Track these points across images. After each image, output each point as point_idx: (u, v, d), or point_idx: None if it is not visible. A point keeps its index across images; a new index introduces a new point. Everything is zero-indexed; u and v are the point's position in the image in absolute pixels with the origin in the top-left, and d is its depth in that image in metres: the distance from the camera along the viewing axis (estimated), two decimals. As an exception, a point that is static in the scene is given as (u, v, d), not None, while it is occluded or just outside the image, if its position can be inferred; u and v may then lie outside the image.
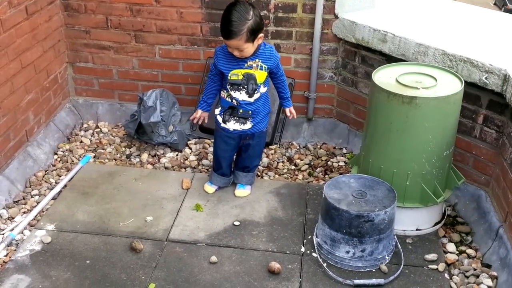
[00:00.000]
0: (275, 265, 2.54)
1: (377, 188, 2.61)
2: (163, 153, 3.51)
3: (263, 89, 2.78)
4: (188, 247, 2.68)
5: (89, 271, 2.51)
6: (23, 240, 2.69)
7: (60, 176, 3.24)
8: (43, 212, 2.92)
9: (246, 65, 2.69)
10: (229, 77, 2.71)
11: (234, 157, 3.07)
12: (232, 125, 2.85)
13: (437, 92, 2.51)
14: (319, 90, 3.63)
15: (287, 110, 2.95)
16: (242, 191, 3.07)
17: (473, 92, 2.77)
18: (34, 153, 3.29)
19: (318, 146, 3.65)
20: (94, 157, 3.44)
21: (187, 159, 3.46)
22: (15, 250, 2.64)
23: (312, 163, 3.46)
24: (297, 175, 3.36)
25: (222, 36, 2.57)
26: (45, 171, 3.27)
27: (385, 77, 2.66)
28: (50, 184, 3.17)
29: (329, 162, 3.47)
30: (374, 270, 2.54)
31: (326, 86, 3.62)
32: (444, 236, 2.76)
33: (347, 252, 2.52)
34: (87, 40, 3.65)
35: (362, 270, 2.54)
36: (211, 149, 3.41)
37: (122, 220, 2.85)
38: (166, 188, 3.13)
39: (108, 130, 3.75)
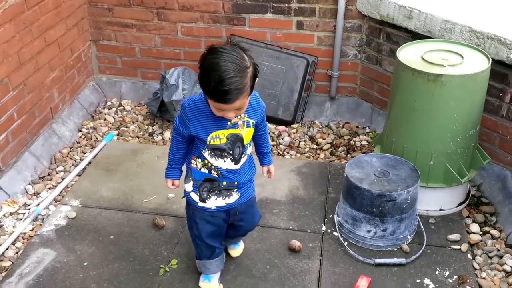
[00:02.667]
0: (296, 243, 2.54)
1: (400, 167, 2.58)
2: (185, 131, 3.52)
3: (249, 150, 2.06)
4: (210, 224, 2.70)
5: (112, 246, 2.55)
6: (49, 215, 2.75)
7: (85, 153, 3.28)
8: (68, 188, 2.97)
9: (229, 123, 1.93)
10: (208, 142, 1.95)
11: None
12: (214, 202, 2.08)
13: (463, 69, 2.45)
14: (343, 68, 3.58)
15: (266, 169, 2.25)
16: (239, 249, 2.51)
17: (500, 70, 2.70)
18: (59, 130, 3.34)
19: (341, 125, 3.62)
20: (118, 134, 3.48)
21: (209, 137, 3.46)
22: (40, 224, 2.70)
23: (334, 142, 3.44)
24: (319, 154, 3.34)
25: (219, 100, 1.76)
26: (70, 148, 3.32)
27: (410, 54, 2.61)
28: (75, 161, 3.22)
29: (351, 141, 3.44)
30: (395, 250, 2.53)
31: (350, 64, 3.57)
32: (468, 217, 2.73)
33: (368, 231, 2.51)
34: (110, 18, 3.66)
35: (384, 249, 2.53)
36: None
37: (145, 197, 2.88)
38: (188, 166, 3.14)
39: (131, 108, 3.77)
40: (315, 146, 3.42)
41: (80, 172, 3.09)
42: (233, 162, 2.01)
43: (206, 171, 2.04)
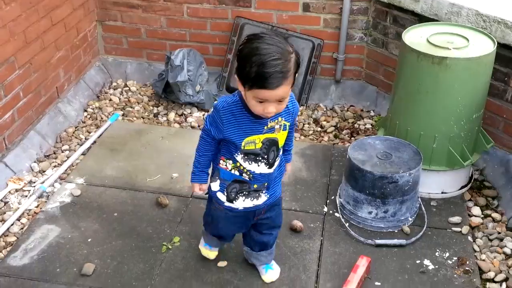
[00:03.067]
0: (297, 224, 2.56)
1: (403, 150, 2.59)
2: (190, 113, 3.54)
3: (281, 151, 1.99)
4: (213, 203, 2.72)
5: (116, 224, 2.59)
6: (54, 192, 2.78)
7: (90, 133, 3.31)
8: (73, 166, 3.00)
9: (266, 128, 1.82)
10: (242, 147, 1.85)
11: None
12: (241, 203, 1.99)
13: (468, 53, 2.44)
14: (348, 51, 3.57)
15: (288, 167, 2.16)
16: (272, 274, 2.28)
17: (506, 54, 2.68)
18: (65, 109, 3.36)
19: (345, 109, 3.62)
20: (123, 115, 3.49)
21: (213, 119, 3.48)
22: (45, 201, 2.73)
23: (338, 126, 3.44)
24: (322, 137, 3.35)
25: (261, 86, 1.63)
26: (75, 128, 3.34)
27: (415, 37, 2.60)
28: (80, 140, 3.24)
29: (355, 125, 3.44)
30: (396, 231, 2.55)
31: (356, 47, 3.56)
32: (470, 200, 2.73)
33: (370, 212, 2.53)
34: (116, -2, 3.67)
35: (384, 230, 2.54)
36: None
37: (149, 176, 2.91)
38: (192, 147, 3.10)
39: (137, 89, 3.79)
40: (319, 129, 3.43)
41: (85, 151, 3.11)
42: (267, 166, 1.91)
43: (237, 173, 1.92)
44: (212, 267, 2.34)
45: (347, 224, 2.57)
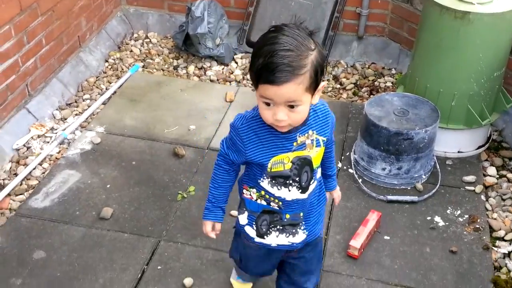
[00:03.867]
0: (311, 177, 2.59)
1: (420, 107, 2.56)
2: (209, 66, 3.54)
3: (318, 173, 1.62)
4: (228, 155, 2.77)
5: (134, 172, 2.65)
6: (74, 139, 2.86)
7: (110, 83, 3.35)
8: (94, 115, 3.06)
9: (295, 144, 1.49)
10: (269, 169, 1.52)
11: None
12: (274, 239, 1.64)
13: (492, 8, 2.37)
14: (372, 6, 3.49)
15: (328, 194, 1.79)
16: None
17: (534, 10, 2.59)
18: (86, 59, 3.41)
19: (367, 66, 3.57)
20: (143, 66, 3.52)
21: (232, 73, 3.48)
22: (66, 148, 2.81)
23: (358, 83, 3.41)
24: (341, 94, 3.33)
25: (265, 80, 1.34)
26: (96, 77, 3.39)
27: (439, -9, 2.53)
28: (101, 90, 3.29)
29: (376, 82, 3.40)
30: (409, 188, 2.56)
31: (380, 2, 3.48)
32: (486, 160, 2.71)
33: (383, 169, 2.54)
34: None
35: (397, 187, 2.55)
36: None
37: (167, 127, 2.95)
38: (210, 100, 3.19)
39: (157, 41, 3.79)
40: (338, 86, 3.40)
41: (106, 101, 3.16)
42: (300, 191, 1.55)
43: (264, 202, 1.60)
44: (226, 217, 2.39)
45: (360, 180, 2.59)
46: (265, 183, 1.55)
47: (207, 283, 2.12)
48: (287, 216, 1.59)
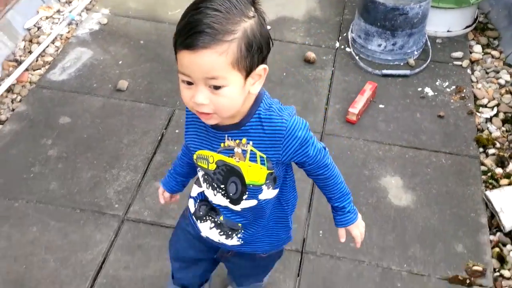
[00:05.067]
0: (311, 55, 2.77)
1: (415, -13, 2.71)
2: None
3: (267, 193, 1.28)
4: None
5: (143, 50, 2.79)
6: (82, 21, 2.95)
7: (109, -32, 3.37)
8: (97, -2, 3.13)
9: (222, 145, 1.22)
10: (195, 159, 1.30)
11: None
12: (207, 230, 1.40)
13: None
14: None
15: (342, 231, 1.37)
16: None
17: None
18: None
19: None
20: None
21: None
22: (75, 28, 2.91)
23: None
24: (337, -20, 3.43)
25: (181, 43, 1.04)
26: (95, -37, 3.40)
27: None
28: (101, -25, 3.32)
29: (369, -30, 3.50)
30: (402, 64, 2.76)
31: None
32: (472, 39, 2.92)
33: (379, 45, 2.72)
34: None
35: (391, 63, 2.76)
36: None
37: (170, 10, 3.05)
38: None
39: None
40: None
41: (107, -15, 3.21)
42: (228, 200, 1.30)
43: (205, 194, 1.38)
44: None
45: (357, 57, 2.78)
46: (200, 174, 1.34)
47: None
48: (221, 218, 1.35)
